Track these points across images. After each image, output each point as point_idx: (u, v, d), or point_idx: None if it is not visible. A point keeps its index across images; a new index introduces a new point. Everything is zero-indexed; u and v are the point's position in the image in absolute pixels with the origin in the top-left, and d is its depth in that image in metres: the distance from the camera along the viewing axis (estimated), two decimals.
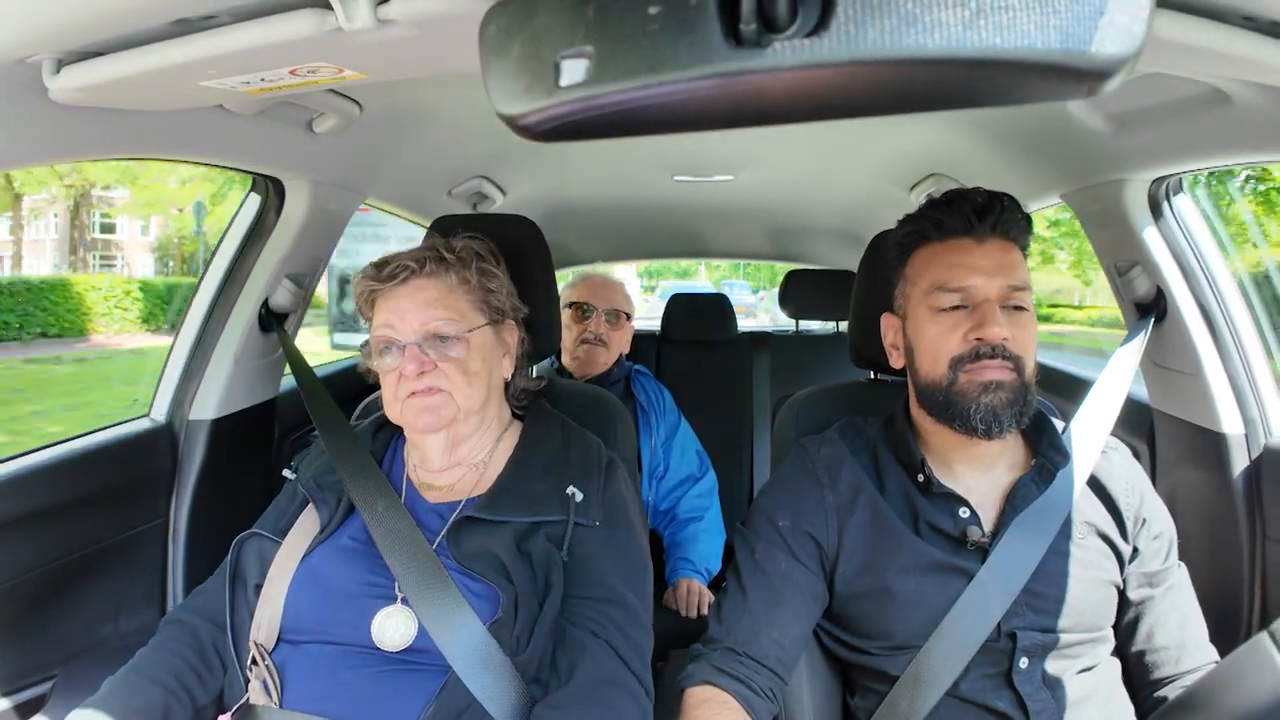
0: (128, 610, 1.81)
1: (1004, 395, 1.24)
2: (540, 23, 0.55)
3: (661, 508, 2.58)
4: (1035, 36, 0.47)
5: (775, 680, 1.30)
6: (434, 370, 1.30)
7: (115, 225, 22.01)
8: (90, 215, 21.33)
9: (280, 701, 1.21)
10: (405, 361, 1.29)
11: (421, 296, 1.32)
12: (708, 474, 2.68)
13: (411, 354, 1.29)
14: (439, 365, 1.30)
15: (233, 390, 2.01)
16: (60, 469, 1.63)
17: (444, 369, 1.31)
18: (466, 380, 1.32)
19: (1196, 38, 0.95)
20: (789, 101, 0.54)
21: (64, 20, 0.98)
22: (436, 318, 1.31)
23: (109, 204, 21.03)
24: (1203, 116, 1.40)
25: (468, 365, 1.32)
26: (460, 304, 1.35)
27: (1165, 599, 1.34)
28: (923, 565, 1.30)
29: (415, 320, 1.31)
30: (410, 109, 1.96)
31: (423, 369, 1.29)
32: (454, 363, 1.31)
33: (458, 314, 1.33)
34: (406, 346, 1.30)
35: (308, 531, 1.34)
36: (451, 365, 1.31)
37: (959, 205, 1.31)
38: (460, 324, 1.33)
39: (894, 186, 2.81)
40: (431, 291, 1.33)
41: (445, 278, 1.35)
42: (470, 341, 1.33)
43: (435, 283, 1.34)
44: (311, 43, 0.99)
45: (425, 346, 1.30)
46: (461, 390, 1.32)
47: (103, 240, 21.99)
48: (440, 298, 1.33)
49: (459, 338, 1.32)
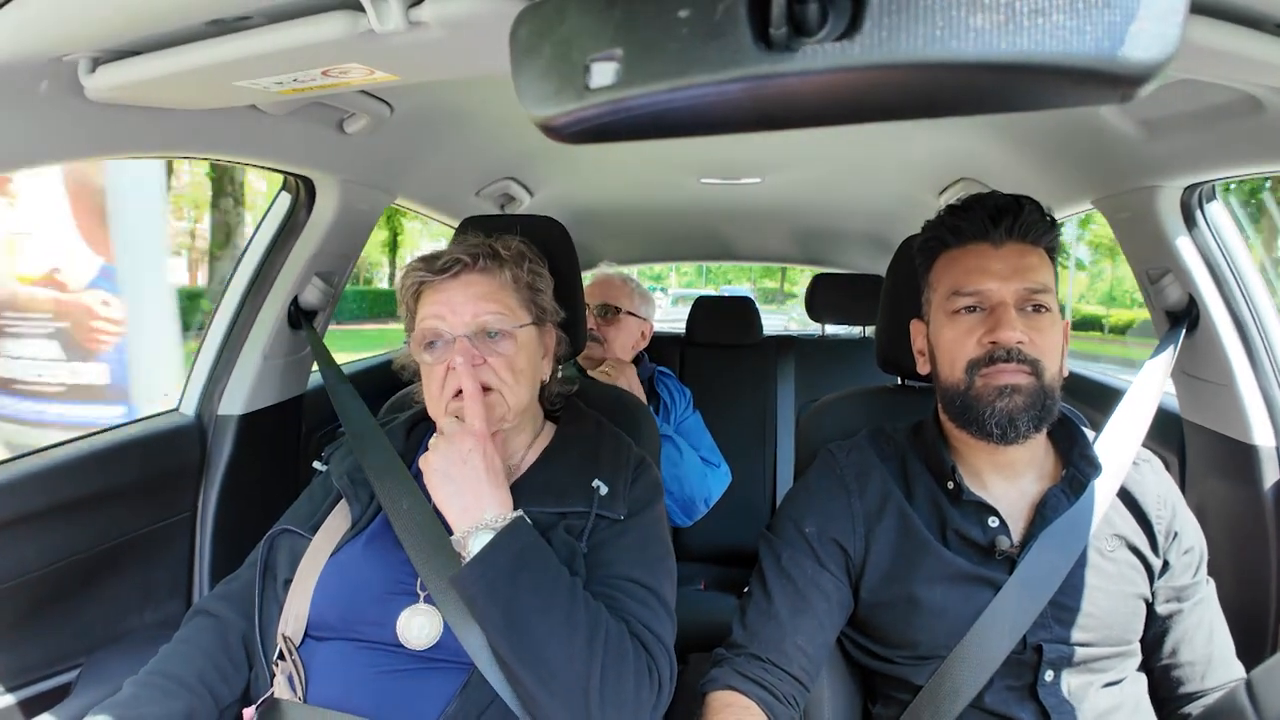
0: (154, 601, 1.84)
1: (1020, 399, 1.23)
2: (571, 25, 0.55)
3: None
4: (1068, 40, 0.46)
5: (798, 687, 1.29)
6: (483, 365, 1.30)
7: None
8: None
9: (305, 696, 1.22)
10: (454, 354, 1.28)
11: (474, 290, 1.32)
12: (721, 464, 2.69)
13: (462, 346, 1.28)
14: (487, 360, 1.30)
15: (261, 386, 2.04)
16: (91, 461, 1.65)
17: (492, 364, 1.30)
18: (514, 378, 1.32)
19: (1230, 44, 0.94)
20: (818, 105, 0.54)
21: (100, 20, 1.00)
22: (488, 311, 1.31)
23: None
24: (1236, 123, 1.38)
25: (515, 362, 1.32)
26: (510, 300, 1.35)
27: (1193, 614, 1.32)
28: (949, 575, 1.29)
29: (466, 312, 1.30)
30: (440, 110, 1.97)
31: (473, 362, 1.28)
32: (502, 359, 1.31)
33: (508, 309, 1.33)
34: (456, 339, 1.29)
35: (338, 528, 1.35)
36: (500, 361, 1.31)
37: (975, 211, 1.30)
38: (510, 319, 1.33)
39: (923, 191, 2.80)
40: (484, 286, 1.33)
41: (499, 274, 1.35)
42: (518, 338, 1.33)
43: (487, 279, 1.34)
44: (343, 44, 1.00)
45: (474, 340, 1.30)
46: (510, 388, 1.32)
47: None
48: (492, 293, 1.33)
49: (508, 333, 1.32)
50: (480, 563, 1.15)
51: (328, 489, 1.43)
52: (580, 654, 1.12)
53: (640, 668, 1.17)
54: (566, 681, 1.11)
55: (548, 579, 1.16)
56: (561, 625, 1.13)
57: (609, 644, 1.15)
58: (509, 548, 1.16)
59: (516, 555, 1.16)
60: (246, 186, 12.75)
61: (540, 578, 1.16)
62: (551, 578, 1.16)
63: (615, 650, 1.15)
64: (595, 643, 1.13)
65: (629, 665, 1.16)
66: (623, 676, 1.14)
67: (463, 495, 1.21)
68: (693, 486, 2.52)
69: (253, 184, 13.62)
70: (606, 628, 1.16)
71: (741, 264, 21.73)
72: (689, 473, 2.53)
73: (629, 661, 1.16)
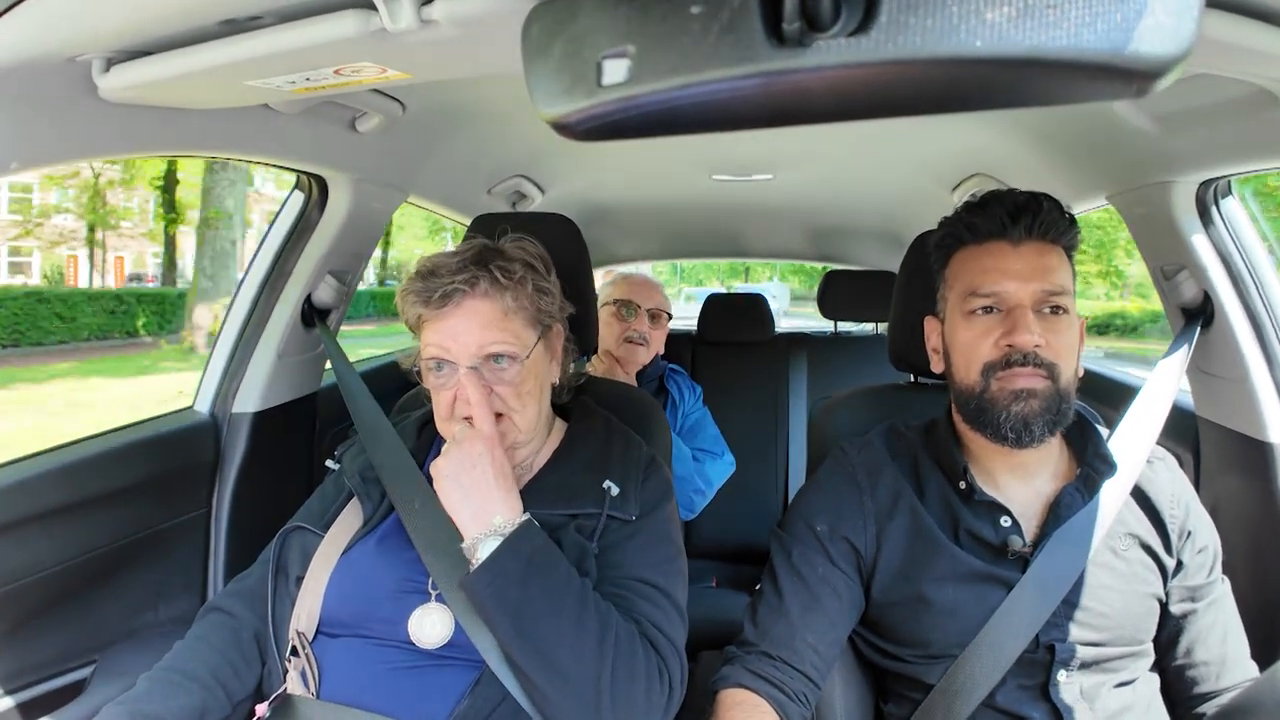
0: (168, 598, 1.84)
1: (1036, 404, 1.23)
2: (582, 23, 0.55)
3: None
4: (1083, 35, 0.46)
5: (809, 685, 1.29)
6: (490, 394, 1.28)
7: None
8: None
9: (318, 692, 1.23)
10: (464, 387, 1.26)
11: (477, 319, 1.28)
12: (725, 454, 2.66)
13: (471, 379, 1.26)
14: (495, 389, 1.29)
15: (275, 384, 2.04)
16: (106, 459, 1.66)
17: (500, 392, 1.29)
18: (521, 401, 1.31)
19: (1245, 38, 0.93)
20: (831, 101, 0.54)
21: (113, 21, 1.00)
22: (493, 341, 1.28)
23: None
24: (1251, 118, 1.37)
25: (523, 387, 1.31)
26: (515, 324, 1.31)
27: (1208, 613, 1.31)
28: (961, 574, 1.29)
29: (472, 344, 1.27)
30: (451, 108, 1.97)
31: (482, 395, 1.26)
32: (510, 386, 1.30)
33: (513, 336, 1.30)
34: (463, 370, 1.27)
35: (350, 526, 1.35)
36: (508, 389, 1.29)
37: (993, 208, 1.29)
38: (516, 345, 1.30)
39: (936, 186, 2.78)
40: (487, 314, 1.29)
41: (501, 299, 1.30)
42: (525, 363, 1.31)
43: (490, 304, 1.29)
44: (356, 43, 1.00)
45: (480, 369, 1.28)
46: (519, 412, 1.31)
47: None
48: (496, 320, 1.29)
49: (515, 358, 1.30)
50: (488, 569, 1.15)
51: (340, 487, 1.43)
52: (591, 656, 1.12)
53: (651, 669, 1.17)
54: (577, 683, 1.12)
55: (557, 582, 1.16)
56: (571, 628, 1.13)
57: (619, 645, 1.15)
58: (518, 553, 1.16)
59: (526, 560, 1.16)
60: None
61: (549, 581, 1.16)
62: (561, 581, 1.16)
63: (626, 652, 1.15)
64: (605, 644, 1.14)
65: (639, 667, 1.16)
66: (633, 678, 1.14)
67: (471, 500, 1.21)
68: (681, 481, 2.46)
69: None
70: (617, 629, 1.16)
71: (709, 260, 21.47)
72: (675, 469, 2.49)
73: (639, 663, 1.16)
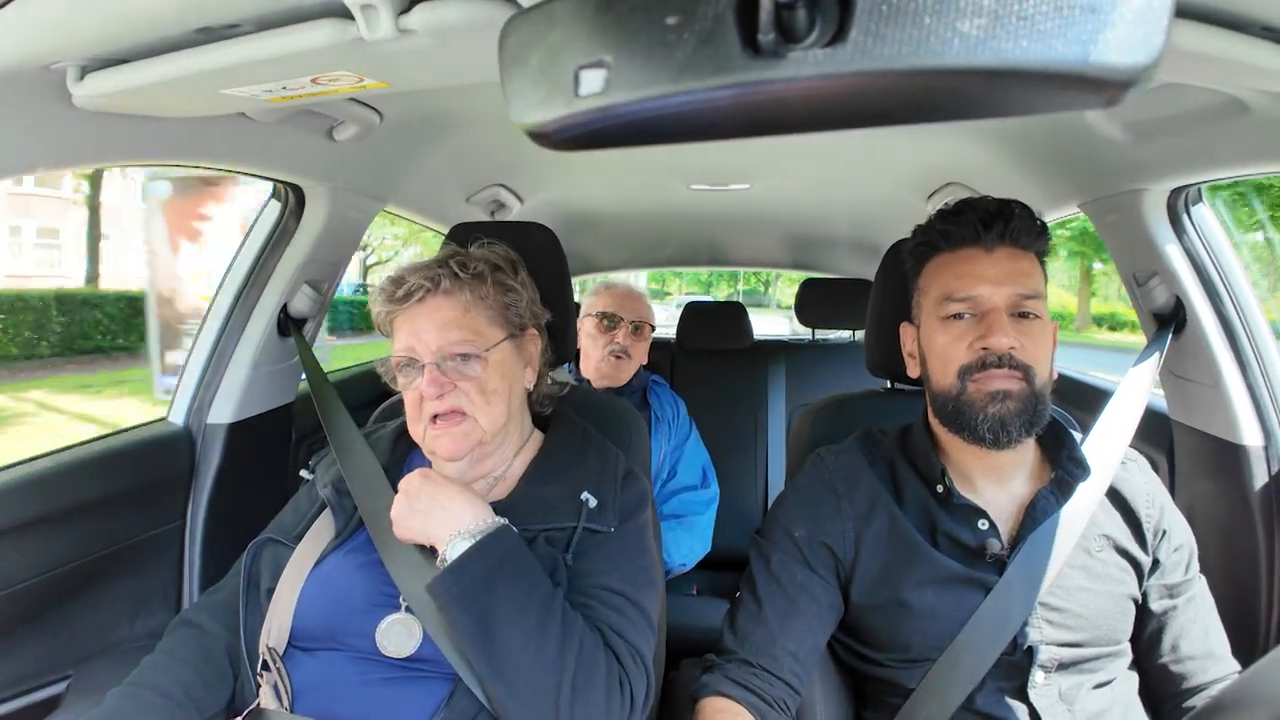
0: (144, 611, 1.82)
1: (1012, 405, 1.24)
2: (559, 33, 0.55)
3: (659, 509, 2.53)
4: (1054, 46, 0.47)
5: (789, 692, 1.29)
6: (454, 390, 1.29)
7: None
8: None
9: (291, 706, 1.21)
10: (425, 383, 1.28)
11: (439, 317, 1.31)
12: (710, 486, 2.64)
13: (431, 376, 1.28)
14: (457, 385, 1.30)
15: (250, 394, 2.03)
16: (79, 470, 1.64)
17: (463, 388, 1.30)
18: (486, 400, 1.31)
19: (1216, 48, 0.95)
20: (807, 111, 0.54)
21: (88, 28, 1.00)
22: (454, 338, 1.30)
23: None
24: (1222, 126, 1.39)
25: (486, 384, 1.31)
26: (477, 322, 1.33)
27: (1188, 609, 1.33)
28: (940, 578, 1.29)
29: (433, 341, 1.29)
30: (429, 117, 1.97)
31: (441, 390, 1.28)
32: (473, 382, 1.30)
33: (474, 333, 1.32)
34: (425, 366, 1.29)
35: (322, 537, 1.34)
36: (470, 385, 1.30)
37: (966, 215, 1.31)
38: (478, 342, 1.31)
39: (911, 195, 2.81)
40: (448, 311, 1.31)
41: (460, 295, 1.33)
42: (489, 360, 1.32)
43: (451, 301, 1.32)
44: (333, 52, 1.00)
45: (443, 366, 1.29)
46: (483, 411, 1.31)
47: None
48: (457, 318, 1.31)
49: (477, 356, 1.31)
50: (455, 570, 1.15)
51: (313, 498, 1.42)
52: (551, 664, 1.12)
53: (612, 680, 1.17)
54: (536, 690, 1.11)
55: (523, 588, 1.16)
56: (534, 634, 1.13)
57: (581, 654, 1.14)
58: (489, 555, 1.16)
59: (495, 563, 1.16)
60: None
61: (516, 586, 1.15)
62: (528, 587, 1.16)
63: (588, 661, 1.15)
64: (567, 654, 1.13)
65: (600, 677, 1.15)
66: (593, 688, 1.14)
67: (433, 518, 1.22)
68: (669, 557, 2.43)
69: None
70: (581, 638, 1.16)
71: (681, 270, 21.57)
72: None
73: (600, 673, 1.15)
